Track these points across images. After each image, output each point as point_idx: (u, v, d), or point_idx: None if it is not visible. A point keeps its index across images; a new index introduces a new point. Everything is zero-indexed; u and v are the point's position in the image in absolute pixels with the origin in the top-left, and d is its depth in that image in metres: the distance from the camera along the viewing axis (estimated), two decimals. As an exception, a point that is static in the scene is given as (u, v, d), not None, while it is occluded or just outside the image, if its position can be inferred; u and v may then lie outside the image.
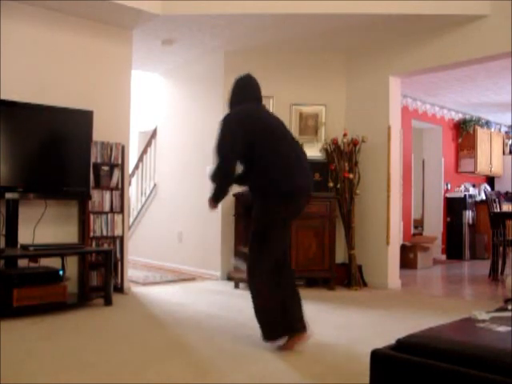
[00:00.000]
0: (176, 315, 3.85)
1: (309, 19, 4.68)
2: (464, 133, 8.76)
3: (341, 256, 5.45)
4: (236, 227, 5.11)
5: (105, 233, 4.61)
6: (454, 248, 8.43)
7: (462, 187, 8.82)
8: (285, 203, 2.97)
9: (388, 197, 5.26)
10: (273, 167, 2.97)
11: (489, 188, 9.10)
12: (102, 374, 2.48)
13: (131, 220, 6.95)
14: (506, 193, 8.59)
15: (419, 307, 4.30)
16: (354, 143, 5.27)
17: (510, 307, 2.17)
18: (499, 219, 6.12)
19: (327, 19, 4.67)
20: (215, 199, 3.06)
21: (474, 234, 8.49)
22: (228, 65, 5.70)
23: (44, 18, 4.38)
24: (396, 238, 5.39)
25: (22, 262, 4.03)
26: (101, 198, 4.60)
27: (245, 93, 3.31)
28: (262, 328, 2.94)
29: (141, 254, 6.76)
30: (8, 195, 3.98)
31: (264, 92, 5.58)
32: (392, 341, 1.77)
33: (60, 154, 4.27)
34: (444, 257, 8.38)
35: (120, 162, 4.73)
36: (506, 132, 9.77)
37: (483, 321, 1.92)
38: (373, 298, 4.72)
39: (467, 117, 8.83)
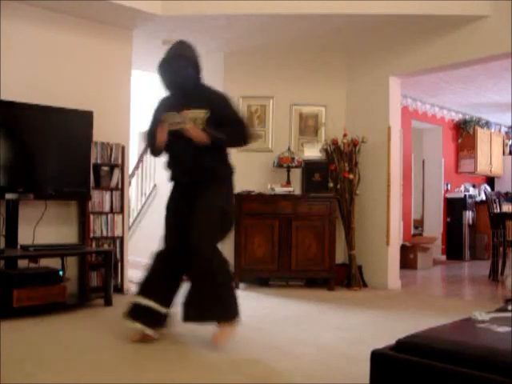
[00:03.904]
0: (176, 315, 3.84)
1: (309, 19, 4.68)
2: (464, 133, 8.76)
3: (341, 256, 5.45)
4: (236, 227, 5.09)
5: (105, 233, 4.61)
6: (453, 248, 8.42)
7: (462, 187, 8.82)
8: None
9: (388, 197, 5.26)
10: None
11: (489, 188, 9.09)
12: (101, 374, 2.48)
13: (131, 220, 6.95)
14: (506, 193, 8.58)
15: (419, 307, 4.29)
16: (354, 143, 5.27)
17: (509, 307, 2.17)
18: (499, 220, 6.12)
19: (327, 19, 4.67)
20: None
21: (474, 234, 8.49)
22: (228, 65, 5.70)
23: (44, 18, 4.38)
24: (396, 239, 5.39)
25: (22, 263, 4.02)
26: (101, 199, 4.60)
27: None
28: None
29: (141, 255, 6.75)
30: (8, 195, 3.97)
31: (264, 92, 5.65)
32: (392, 341, 1.77)
33: (60, 154, 4.27)
34: (444, 257, 8.38)
35: (120, 162, 4.73)
36: (506, 132, 9.77)
37: (483, 321, 1.92)
38: (373, 299, 4.71)
39: (467, 117, 8.83)
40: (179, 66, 3.11)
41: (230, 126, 3.08)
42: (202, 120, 3.01)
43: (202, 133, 2.96)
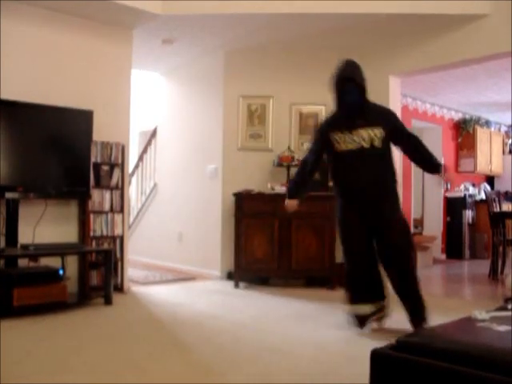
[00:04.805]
0: (176, 315, 3.85)
1: (309, 19, 4.68)
2: (464, 132, 8.76)
3: (341, 255, 5.43)
4: (236, 226, 5.11)
5: (105, 232, 4.61)
6: (453, 247, 8.42)
7: (462, 187, 8.82)
8: None
9: (388, 196, 5.25)
10: None
11: (489, 187, 9.10)
12: (101, 374, 2.48)
13: (131, 219, 6.95)
14: (506, 192, 8.58)
15: (419, 307, 4.28)
16: (354, 143, 5.26)
17: (509, 307, 2.17)
18: (499, 219, 6.12)
19: (327, 19, 4.67)
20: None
21: (473, 233, 8.49)
22: (228, 64, 5.70)
23: (44, 18, 4.38)
24: (396, 238, 5.37)
25: (22, 262, 4.03)
26: (101, 198, 4.60)
27: None
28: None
29: (141, 254, 6.76)
30: (8, 195, 3.98)
31: (264, 91, 5.65)
32: (392, 340, 1.77)
33: (60, 153, 4.27)
34: (444, 256, 8.38)
35: (120, 161, 4.74)
36: (506, 131, 9.77)
37: (483, 320, 1.92)
38: (373, 298, 4.70)
39: (467, 116, 8.83)
40: (352, 90, 3.26)
41: (406, 140, 3.36)
42: (379, 139, 3.22)
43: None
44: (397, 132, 3.32)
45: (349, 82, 3.24)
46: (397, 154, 5.39)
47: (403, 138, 3.37)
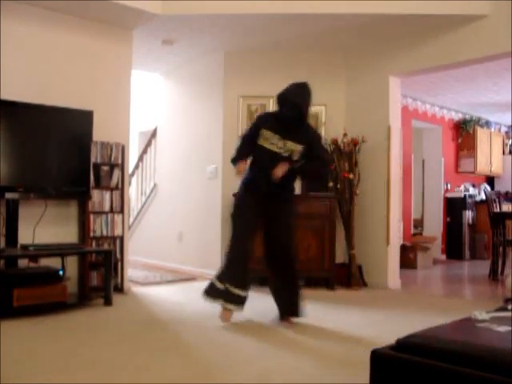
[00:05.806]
0: (176, 315, 3.85)
1: (308, 19, 4.68)
2: (464, 133, 8.76)
3: (341, 256, 5.45)
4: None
5: (105, 233, 4.61)
6: (453, 248, 8.42)
7: (462, 187, 8.82)
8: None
9: (388, 197, 5.26)
10: None
11: (489, 188, 9.10)
12: (101, 374, 2.48)
13: (131, 220, 6.95)
14: (506, 193, 8.56)
15: (419, 307, 4.30)
16: (354, 143, 5.27)
17: (509, 307, 2.17)
18: (499, 219, 6.12)
19: (327, 19, 4.67)
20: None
21: (473, 233, 8.49)
22: (228, 65, 5.70)
23: (44, 18, 4.38)
24: (396, 238, 5.39)
25: (22, 262, 4.03)
26: (101, 198, 4.60)
27: None
28: None
29: (141, 254, 6.76)
30: (8, 195, 3.98)
31: (264, 91, 5.65)
32: (392, 340, 1.77)
33: (60, 154, 4.27)
34: (444, 257, 8.38)
35: (120, 161, 4.73)
36: (506, 132, 9.77)
37: (483, 321, 1.92)
38: (373, 298, 4.72)
39: (467, 117, 8.83)
40: (295, 112, 3.54)
41: (315, 159, 3.64)
42: (297, 153, 3.56)
43: (284, 169, 3.48)
44: (312, 154, 3.63)
45: (294, 106, 3.51)
46: (397, 153, 5.41)
47: (313, 158, 3.66)
